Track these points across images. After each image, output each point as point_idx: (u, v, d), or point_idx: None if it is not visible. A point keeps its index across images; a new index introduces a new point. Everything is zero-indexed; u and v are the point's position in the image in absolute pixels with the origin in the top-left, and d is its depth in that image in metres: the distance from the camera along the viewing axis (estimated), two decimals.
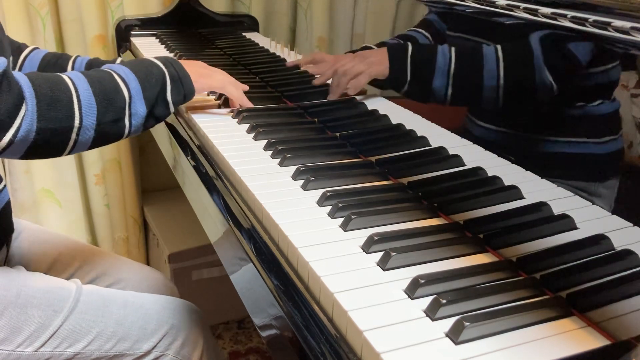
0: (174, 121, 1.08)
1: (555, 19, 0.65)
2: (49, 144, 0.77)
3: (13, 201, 1.65)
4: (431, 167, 0.82)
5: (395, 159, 0.85)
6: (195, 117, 1.01)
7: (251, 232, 0.72)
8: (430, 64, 0.87)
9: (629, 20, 0.56)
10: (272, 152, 0.87)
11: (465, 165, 0.82)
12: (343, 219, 0.68)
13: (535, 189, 0.72)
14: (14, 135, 0.73)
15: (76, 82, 0.80)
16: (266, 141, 0.90)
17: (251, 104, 1.05)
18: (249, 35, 1.59)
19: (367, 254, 0.62)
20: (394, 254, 0.59)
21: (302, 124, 1.01)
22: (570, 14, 0.63)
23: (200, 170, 0.91)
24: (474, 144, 0.83)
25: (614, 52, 0.61)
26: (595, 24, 0.60)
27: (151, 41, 1.59)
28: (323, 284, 0.57)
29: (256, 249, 0.69)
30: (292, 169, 0.81)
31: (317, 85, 1.11)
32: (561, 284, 0.57)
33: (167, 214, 1.80)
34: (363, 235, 0.64)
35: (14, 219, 1.01)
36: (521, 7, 0.70)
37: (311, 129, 0.99)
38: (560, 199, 0.69)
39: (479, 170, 0.78)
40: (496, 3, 0.73)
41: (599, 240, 0.62)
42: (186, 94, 0.93)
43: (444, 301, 0.53)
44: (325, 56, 1.15)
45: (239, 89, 1.05)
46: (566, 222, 0.66)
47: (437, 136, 0.88)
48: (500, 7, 0.73)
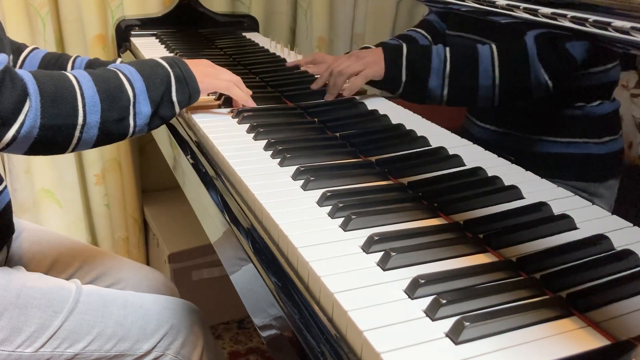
0: (174, 121, 1.08)
1: (555, 19, 0.65)
2: (52, 140, 0.78)
3: (13, 201, 1.65)
4: (431, 167, 0.82)
5: (395, 159, 0.85)
6: (195, 117, 1.01)
7: (251, 232, 0.72)
8: (426, 64, 0.87)
9: (629, 20, 0.56)
10: (272, 152, 0.87)
11: (465, 165, 0.82)
12: (343, 219, 0.68)
13: (535, 189, 0.72)
14: (18, 131, 0.73)
15: (80, 80, 0.80)
16: (266, 141, 0.90)
17: (255, 106, 1.05)
18: (249, 35, 1.59)
19: (367, 254, 0.62)
20: (394, 254, 0.59)
21: (302, 124, 1.01)
22: (570, 14, 0.63)
23: (200, 170, 0.91)
24: (474, 144, 0.83)
25: (613, 52, 0.61)
26: (595, 24, 0.60)
27: (151, 41, 1.59)
28: (323, 284, 0.57)
29: (256, 249, 0.69)
30: (292, 169, 0.81)
31: (316, 88, 1.11)
32: (561, 284, 0.57)
33: (167, 214, 1.80)
34: (363, 235, 0.64)
35: (14, 219, 1.02)
36: (521, 7, 0.70)
37: (311, 129, 0.99)
38: (560, 199, 0.69)
39: (479, 170, 0.78)
40: (496, 3, 0.73)
41: (599, 240, 0.62)
42: (191, 94, 0.93)
43: (444, 301, 0.53)
44: (325, 57, 1.15)
45: (243, 90, 1.04)
46: (566, 222, 0.66)
47: (437, 136, 0.88)
48: (500, 7, 0.73)
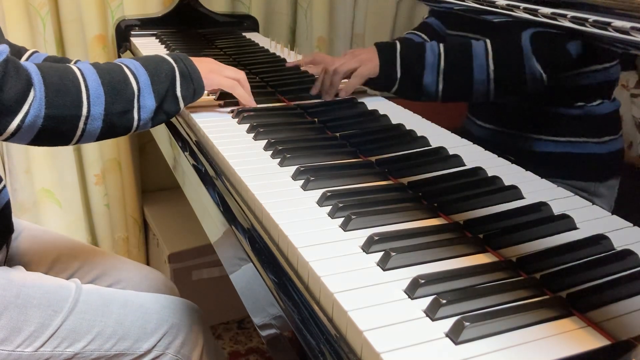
0: (174, 121, 1.08)
1: (555, 19, 0.65)
2: (56, 131, 0.78)
3: (13, 201, 1.65)
4: (431, 167, 0.82)
5: (395, 159, 0.85)
6: (195, 117, 1.01)
7: (251, 232, 0.72)
8: (420, 59, 0.88)
9: (629, 20, 0.56)
10: (272, 152, 0.87)
11: (465, 165, 0.82)
12: (343, 219, 0.68)
13: (535, 189, 0.72)
14: (22, 120, 0.74)
15: (85, 72, 0.81)
16: (266, 141, 0.90)
17: (256, 106, 1.05)
18: (249, 35, 1.59)
19: (367, 254, 0.62)
20: (394, 254, 0.59)
21: (302, 124, 1.01)
22: (570, 14, 0.63)
23: (200, 170, 0.91)
24: (474, 144, 0.83)
25: (612, 51, 0.61)
26: (595, 24, 0.60)
27: (151, 41, 1.59)
28: (323, 284, 0.57)
29: (256, 249, 0.69)
30: (292, 169, 0.81)
31: (315, 93, 1.11)
32: (561, 284, 0.57)
33: (167, 214, 1.80)
34: (363, 235, 0.64)
35: (14, 219, 1.02)
36: (521, 7, 0.69)
37: (311, 129, 0.99)
38: (560, 199, 0.69)
39: (479, 170, 0.78)
40: (496, 3, 0.73)
41: (599, 240, 0.62)
42: (196, 90, 0.94)
43: (444, 301, 0.53)
44: (325, 57, 1.15)
45: (247, 89, 1.04)
46: (566, 222, 0.66)
47: (437, 136, 0.88)
48: (500, 7, 0.73)
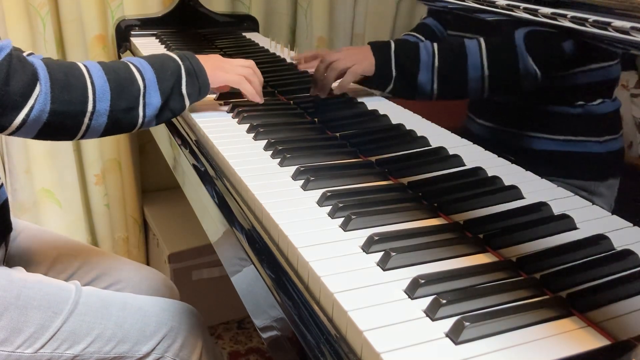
0: (174, 121, 1.08)
1: (555, 19, 0.65)
2: (61, 126, 0.79)
3: (13, 201, 1.65)
4: (431, 167, 0.82)
5: (395, 159, 0.85)
6: (195, 117, 1.01)
7: (251, 232, 0.72)
8: (414, 58, 0.88)
9: (629, 20, 0.56)
10: (272, 152, 0.87)
11: (465, 165, 0.82)
12: (343, 219, 0.68)
13: (535, 189, 0.72)
14: (27, 114, 0.75)
15: (91, 68, 0.82)
16: (266, 141, 0.90)
17: (262, 101, 1.05)
18: (249, 35, 1.59)
19: (367, 254, 0.62)
20: (394, 254, 0.59)
21: (302, 124, 1.01)
22: (570, 14, 0.63)
23: (200, 170, 0.91)
24: (474, 144, 0.83)
25: (612, 51, 0.61)
26: (595, 24, 0.60)
27: (151, 41, 1.59)
28: (323, 284, 0.57)
29: (256, 249, 0.69)
30: (292, 169, 0.81)
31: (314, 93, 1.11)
32: (561, 284, 0.57)
33: (167, 214, 1.80)
34: (363, 235, 0.64)
35: (14, 219, 1.01)
36: (521, 7, 0.69)
37: (311, 129, 0.99)
38: (560, 199, 0.69)
39: (479, 170, 0.78)
40: (496, 3, 0.73)
41: (599, 240, 0.62)
42: (201, 88, 0.94)
43: (444, 301, 0.52)
44: (324, 51, 1.15)
45: (255, 84, 1.03)
46: (566, 222, 0.66)
47: (437, 136, 0.88)
48: (500, 7, 0.73)
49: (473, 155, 0.82)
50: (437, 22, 0.87)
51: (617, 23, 0.57)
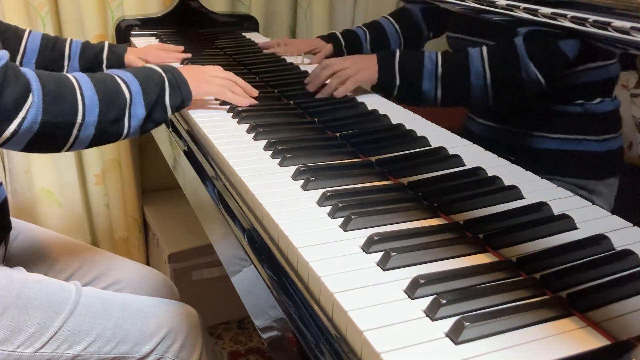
0: (174, 121, 1.08)
1: (555, 19, 0.65)
2: (50, 137, 0.80)
3: (13, 201, 1.65)
4: (431, 167, 0.82)
5: (395, 159, 0.85)
6: (195, 117, 1.01)
7: (251, 232, 0.72)
8: (418, 67, 0.89)
9: (629, 20, 0.56)
10: (272, 152, 0.87)
11: (465, 165, 0.82)
12: (343, 219, 0.68)
13: (535, 189, 0.72)
14: (19, 125, 0.75)
15: (80, 80, 0.83)
16: (266, 141, 0.90)
17: (251, 100, 1.05)
18: (249, 35, 1.59)
19: (367, 254, 0.62)
20: (394, 254, 0.59)
21: (302, 124, 1.01)
22: (570, 14, 0.63)
23: (200, 170, 0.91)
24: (474, 144, 0.83)
25: (611, 50, 0.61)
26: (595, 24, 0.60)
27: (151, 41, 1.59)
28: (323, 284, 0.57)
29: (256, 249, 0.69)
30: (292, 169, 0.81)
31: (312, 90, 1.11)
32: (561, 284, 0.57)
33: (167, 214, 1.80)
34: (363, 235, 0.64)
35: (14, 219, 1.02)
36: (521, 7, 0.69)
37: (311, 129, 0.99)
38: (560, 199, 0.69)
39: (479, 170, 0.78)
40: (496, 3, 0.73)
41: (599, 240, 0.62)
42: (184, 99, 0.96)
43: (444, 301, 0.53)
44: (332, 59, 1.15)
45: (237, 90, 1.05)
46: (566, 222, 0.66)
47: (437, 136, 0.88)
48: (500, 7, 0.73)
49: (473, 155, 0.82)
50: (420, 13, 0.88)
51: (617, 23, 0.57)
